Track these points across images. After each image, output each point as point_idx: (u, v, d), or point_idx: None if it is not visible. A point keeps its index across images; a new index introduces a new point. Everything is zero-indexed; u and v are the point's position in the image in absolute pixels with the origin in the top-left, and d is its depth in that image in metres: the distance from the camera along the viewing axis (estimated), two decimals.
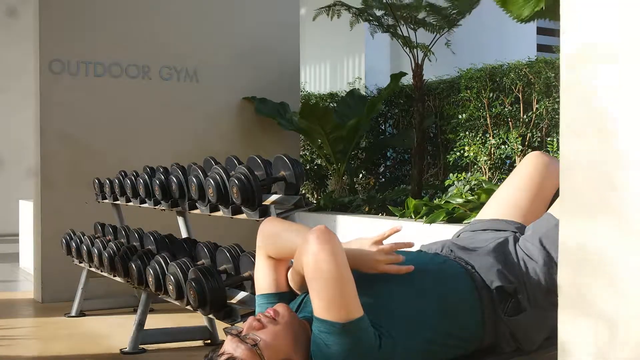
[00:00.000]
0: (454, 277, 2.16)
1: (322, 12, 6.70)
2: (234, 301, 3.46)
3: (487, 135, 5.50)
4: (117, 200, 4.97)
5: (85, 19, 5.95)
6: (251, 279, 3.32)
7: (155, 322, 4.57)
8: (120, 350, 4.11)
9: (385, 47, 9.69)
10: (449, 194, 4.34)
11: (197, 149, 5.85)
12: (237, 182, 3.28)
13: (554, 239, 2.18)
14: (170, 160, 4.74)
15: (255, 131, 6.48)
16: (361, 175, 7.56)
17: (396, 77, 6.34)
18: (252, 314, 2.44)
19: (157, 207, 4.36)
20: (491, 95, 5.52)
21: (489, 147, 5.43)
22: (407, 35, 6.24)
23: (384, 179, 7.31)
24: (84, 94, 5.90)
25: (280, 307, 2.00)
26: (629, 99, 1.25)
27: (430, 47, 6.26)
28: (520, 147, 5.21)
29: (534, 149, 5.26)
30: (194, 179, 3.67)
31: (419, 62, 6.18)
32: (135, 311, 4.53)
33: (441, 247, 2.35)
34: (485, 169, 5.44)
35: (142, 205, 4.56)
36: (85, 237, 5.04)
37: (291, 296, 2.17)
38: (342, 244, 1.93)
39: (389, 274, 2.08)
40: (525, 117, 5.34)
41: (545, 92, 5.25)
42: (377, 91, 7.47)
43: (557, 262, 2.15)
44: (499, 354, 2.21)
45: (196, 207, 3.86)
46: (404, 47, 6.28)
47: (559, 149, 3.99)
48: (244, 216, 3.44)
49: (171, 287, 3.60)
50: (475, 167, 5.63)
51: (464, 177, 4.57)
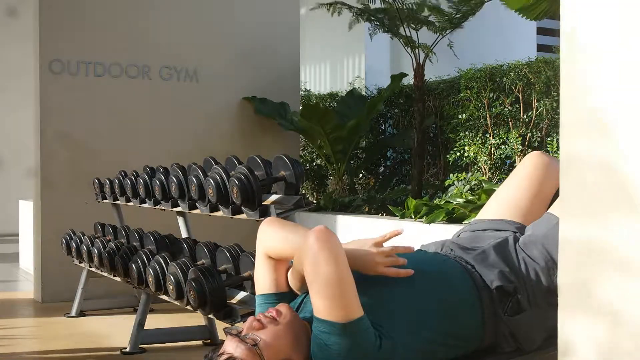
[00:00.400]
0: (454, 277, 2.16)
1: (322, 7, 6.67)
2: (234, 301, 3.46)
3: (487, 135, 5.50)
4: (117, 200, 4.97)
5: (85, 19, 5.95)
6: (251, 279, 3.32)
7: (155, 322, 4.57)
8: (120, 350, 4.11)
9: (385, 47, 9.70)
10: (449, 194, 4.34)
11: (197, 149, 5.84)
12: (237, 182, 3.28)
13: (555, 239, 2.17)
14: (170, 160, 4.74)
15: (255, 131, 6.47)
16: (361, 175, 7.56)
17: (397, 78, 6.34)
18: (252, 314, 2.44)
19: (157, 207, 4.36)
20: (491, 95, 5.52)
21: (489, 147, 5.43)
22: (408, 35, 6.23)
23: (382, 178, 7.31)
24: (84, 94, 5.90)
25: (282, 307, 2.00)
26: (628, 99, 1.25)
27: (432, 47, 6.25)
28: (520, 147, 5.21)
29: (534, 149, 5.26)
30: (194, 179, 3.67)
31: (421, 62, 6.18)
32: (135, 311, 4.53)
33: (441, 246, 2.35)
34: (485, 169, 5.44)
35: (142, 205, 4.56)
36: (85, 237, 5.04)
37: (291, 296, 2.17)
38: (342, 245, 1.93)
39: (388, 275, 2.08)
40: (525, 117, 5.34)
41: (545, 92, 5.25)
42: (377, 91, 7.47)
43: (557, 262, 2.16)
44: (499, 354, 2.20)
45: (196, 207, 3.86)
46: (406, 47, 6.28)
47: (559, 149, 3.99)
48: (244, 216, 3.44)
49: (171, 287, 3.60)
50: (475, 167, 5.62)
51: (464, 177, 4.57)
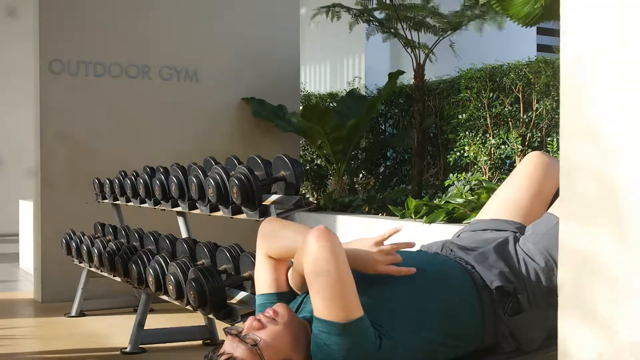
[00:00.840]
0: (454, 277, 2.16)
1: (321, 12, 6.67)
2: (234, 301, 3.46)
3: (487, 135, 5.50)
4: (117, 200, 4.97)
5: (85, 19, 5.95)
6: (251, 279, 3.31)
7: (155, 322, 4.57)
8: (120, 350, 4.11)
9: (385, 47, 9.68)
10: (449, 194, 4.34)
11: (197, 149, 5.84)
12: (237, 182, 3.28)
13: (555, 239, 2.18)
14: (170, 160, 4.74)
15: (255, 131, 6.47)
16: (361, 175, 7.56)
17: (394, 75, 6.32)
18: (252, 314, 2.43)
19: (157, 207, 4.36)
20: (491, 95, 5.51)
21: (489, 147, 5.42)
22: (409, 36, 6.22)
23: (382, 178, 7.31)
24: (84, 94, 5.90)
25: (279, 307, 2.00)
26: (629, 99, 1.25)
27: (432, 47, 6.24)
28: (520, 147, 5.21)
29: (534, 149, 5.26)
30: (194, 179, 3.67)
31: (421, 62, 6.17)
32: (135, 311, 4.53)
33: (441, 246, 2.35)
34: (485, 169, 5.44)
35: (142, 205, 4.56)
36: (85, 237, 5.04)
37: (291, 296, 2.17)
38: (342, 244, 1.93)
39: (388, 275, 2.08)
40: (525, 117, 5.34)
41: (545, 92, 5.25)
42: (377, 91, 7.46)
43: (557, 262, 2.16)
44: (499, 354, 2.21)
45: (196, 207, 3.86)
46: (406, 47, 6.27)
47: (559, 149, 3.98)
48: (244, 216, 3.44)
49: (171, 287, 3.60)
50: (475, 167, 5.62)
51: (464, 177, 4.57)
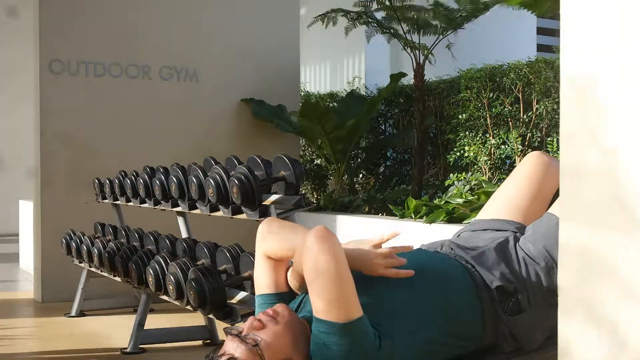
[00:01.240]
0: (454, 277, 2.16)
1: (317, 21, 6.64)
2: (234, 301, 3.46)
3: (487, 135, 5.50)
4: (117, 200, 4.97)
5: (85, 19, 5.95)
6: (251, 279, 3.31)
7: (155, 322, 4.57)
8: (120, 350, 4.11)
9: (385, 47, 9.68)
10: (449, 194, 4.34)
11: (197, 149, 5.84)
12: (237, 182, 3.28)
13: (555, 239, 2.18)
14: (170, 160, 4.74)
15: (255, 131, 6.47)
16: (361, 175, 7.55)
17: (396, 77, 6.33)
18: (252, 314, 2.43)
19: (157, 207, 4.36)
20: (491, 95, 5.51)
21: (489, 147, 5.42)
22: (409, 36, 6.22)
23: (382, 178, 7.31)
24: (84, 94, 5.90)
25: (279, 307, 2.00)
26: (629, 100, 1.25)
27: (432, 48, 6.24)
28: (520, 147, 5.21)
29: (534, 149, 5.26)
30: (194, 179, 3.67)
31: (420, 62, 6.17)
32: (135, 311, 4.53)
33: (440, 246, 2.35)
34: (485, 169, 5.44)
35: (142, 205, 4.56)
36: (85, 237, 5.04)
37: (291, 296, 2.17)
38: (341, 245, 1.93)
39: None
40: (525, 117, 5.34)
41: (545, 92, 5.25)
42: (377, 91, 7.46)
43: (557, 262, 2.16)
44: (499, 354, 2.21)
45: (196, 207, 3.86)
46: (405, 48, 6.27)
47: (559, 149, 3.99)
48: (244, 216, 3.44)
49: (171, 287, 3.60)
50: (475, 167, 5.62)
51: (464, 177, 4.57)
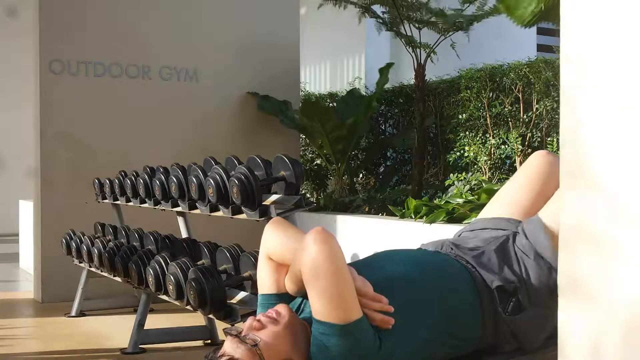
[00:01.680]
0: (454, 277, 2.16)
1: (328, 2, 6.63)
2: (234, 301, 3.46)
3: (487, 135, 5.49)
4: (117, 200, 4.97)
5: (85, 19, 5.95)
6: (251, 279, 3.31)
7: (155, 322, 4.57)
8: (120, 350, 4.11)
9: (385, 46, 9.68)
10: (449, 194, 4.34)
11: (197, 149, 5.84)
12: (237, 182, 3.28)
13: (544, 240, 2.19)
14: (170, 160, 4.74)
15: (255, 131, 6.47)
16: (361, 175, 7.55)
17: (384, 69, 6.31)
18: (252, 314, 2.43)
19: (157, 207, 4.36)
20: (491, 95, 5.51)
21: (489, 147, 5.42)
22: (410, 34, 6.21)
23: (382, 178, 7.31)
24: (84, 94, 5.90)
25: (281, 308, 1.99)
26: (630, 99, 1.25)
27: (433, 47, 6.23)
28: (520, 147, 5.21)
29: (534, 149, 5.26)
30: (194, 179, 3.67)
31: (422, 62, 6.16)
32: (135, 311, 4.53)
33: (441, 245, 2.34)
34: (485, 169, 5.44)
35: (142, 205, 4.56)
36: (85, 237, 5.04)
37: (292, 297, 2.16)
38: (340, 247, 1.92)
39: (388, 274, 2.09)
40: (525, 117, 5.34)
41: (545, 92, 5.25)
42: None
43: (551, 261, 2.16)
44: (499, 354, 2.20)
45: (196, 207, 3.86)
46: (407, 47, 6.26)
47: (559, 149, 3.98)
48: (244, 216, 3.43)
49: (171, 287, 3.60)
50: (475, 167, 5.62)
51: (464, 177, 4.57)
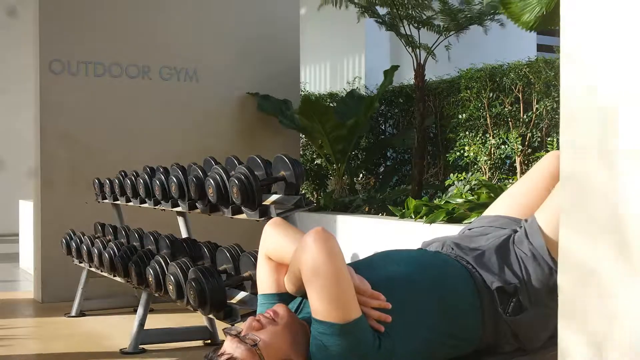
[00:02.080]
0: (454, 277, 2.16)
1: (328, 2, 6.63)
2: (234, 301, 3.46)
3: (487, 135, 5.49)
4: (117, 200, 4.97)
5: (85, 19, 5.95)
6: (251, 279, 3.31)
7: (155, 322, 4.57)
8: (120, 350, 4.11)
9: (385, 47, 9.69)
10: (449, 194, 4.34)
11: (197, 149, 5.84)
12: (237, 182, 3.28)
13: (544, 240, 2.20)
14: (170, 160, 4.74)
15: (255, 131, 6.47)
16: (361, 175, 7.55)
17: (389, 72, 6.32)
18: (252, 314, 2.43)
19: (157, 207, 4.36)
20: (491, 95, 5.51)
21: (489, 147, 5.42)
22: (409, 34, 6.21)
23: (382, 178, 7.31)
24: (84, 94, 5.90)
25: (279, 308, 1.99)
26: (630, 100, 1.25)
27: (433, 47, 6.22)
28: (520, 147, 5.20)
29: (534, 149, 5.26)
30: (194, 179, 3.67)
31: (422, 62, 6.16)
32: (135, 311, 4.53)
33: (442, 245, 2.34)
34: (485, 169, 5.44)
35: (142, 205, 4.56)
36: (85, 237, 5.04)
37: (292, 296, 2.16)
38: (340, 247, 1.92)
39: (388, 274, 2.09)
40: (525, 117, 5.34)
41: (545, 92, 5.25)
42: (377, 91, 7.45)
43: (549, 261, 2.16)
44: (499, 354, 2.20)
45: (196, 207, 3.85)
46: (407, 47, 6.25)
47: (558, 149, 3.97)
48: (244, 216, 3.43)
49: (171, 287, 3.60)
50: (475, 167, 5.62)
51: (464, 177, 4.57)
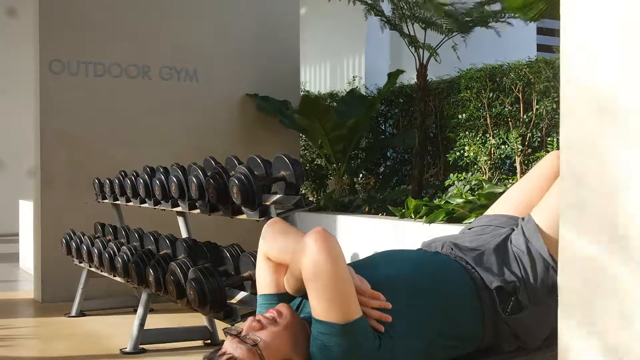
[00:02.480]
0: (453, 278, 2.16)
1: None
2: (234, 301, 3.46)
3: (487, 135, 5.49)
4: (117, 200, 4.97)
5: (85, 19, 5.95)
6: (251, 279, 3.32)
7: (155, 322, 4.57)
8: (120, 350, 4.11)
9: (385, 47, 9.69)
10: (449, 194, 4.34)
11: (197, 149, 5.84)
12: (237, 182, 3.28)
13: (541, 238, 2.20)
14: (170, 160, 4.74)
15: (255, 131, 6.47)
16: (361, 175, 7.55)
17: (393, 75, 6.32)
18: (252, 314, 2.43)
19: (157, 207, 4.36)
20: (491, 95, 5.51)
21: (489, 147, 5.42)
22: (413, 34, 6.20)
23: (382, 178, 7.30)
24: (84, 94, 5.90)
25: (282, 308, 1.99)
26: (630, 100, 1.25)
27: (437, 48, 6.21)
28: (520, 147, 5.20)
29: (534, 149, 5.26)
30: (194, 179, 3.67)
31: (424, 62, 6.15)
32: (135, 311, 4.53)
33: (441, 245, 2.34)
34: (485, 169, 5.44)
35: (142, 205, 4.56)
36: (85, 237, 5.04)
37: (291, 296, 2.16)
38: (340, 247, 1.92)
39: (388, 274, 2.09)
40: (525, 117, 5.34)
41: (545, 92, 5.25)
42: (377, 91, 7.46)
43: (555, 259, 2.16)
44: (499, 354, 2.20)
45: (196, 207, 3.86)
46: (410, 47, 6.24)
47: (558, 149, 3.97)
48: (244, 216, 3.43)
49: (171, 287, 3.60)
50: (475, 167, 5.62)
51: (464, 177, 4.57)
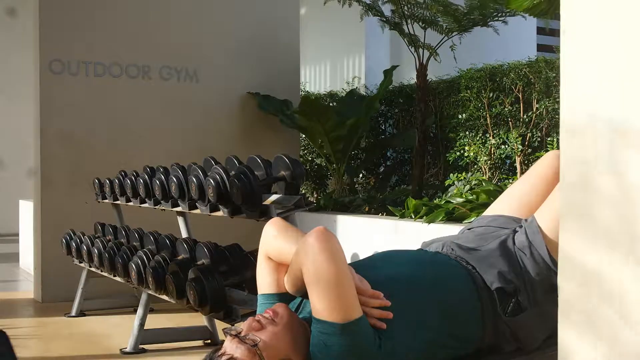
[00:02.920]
0: (454, 278, 2.16)
1: None
2: (234, 301, 3.46)
3: (487, 135, 5.50)
4: (117, 200, 4.97)
5: (85, 19, 5.95)
6: (251, 278, 3.31)
7: (155, 322, 4.57)
8: (120, 350, 4.11)
9: (385, 47, 9.69)
10: (449, 194, 4.34)
11: (197, 149, 5.84)
12: (237, 182, 3.28)
13: (541, 239, 2.20)
14: (170, 160, 4.74)
15: (255, 131, 6.47)
16: (361, 175, 7.55)
17: (389, 71, 6.31)
18: (252, 314, 2.43)
19: (157, 207, 4.36)
20: (491, 95, 5.51)
21: (489, 147, 5.42)
22: (413, 34, 6.20)
23: (382, 178, 7.30)
24: (84, 94, 5.90)
25: (279, 308, 1.99)
26: (630, 100, 1.24)
27: (436, 47, 6.21)
28: (520, 147, 5.20)
29: (534, 149, 5.26)
30: (194, 179, 3.67)
31: (424, 62, 6.15)
32: (135, 311, 4.53)
33: (442, 245, 2.34)
34: (485, 169, 5.44)
35: (142, 205, 4.56)
36: (85, 237, 5.04)
37: (292, 296, 2.16)
38: (341, 246, 1.92)
39: (388, 274, 2.09)
40: (525, 117, 5.34)
41: (545, 92, 5.25)
42: (377, 91, 7.45)
43: (555, 260, 2.16)
44: (499, 354, 2.20)
45: (196, 207, 3.86)
46: (410, 47, 6.24)
47: (559, 149, 3.97)
48: (244, 216, 3.43)
49: (171, 287, 3.60)
50: (475, 167, 5.62)
51: (464, 177, 4.57)
